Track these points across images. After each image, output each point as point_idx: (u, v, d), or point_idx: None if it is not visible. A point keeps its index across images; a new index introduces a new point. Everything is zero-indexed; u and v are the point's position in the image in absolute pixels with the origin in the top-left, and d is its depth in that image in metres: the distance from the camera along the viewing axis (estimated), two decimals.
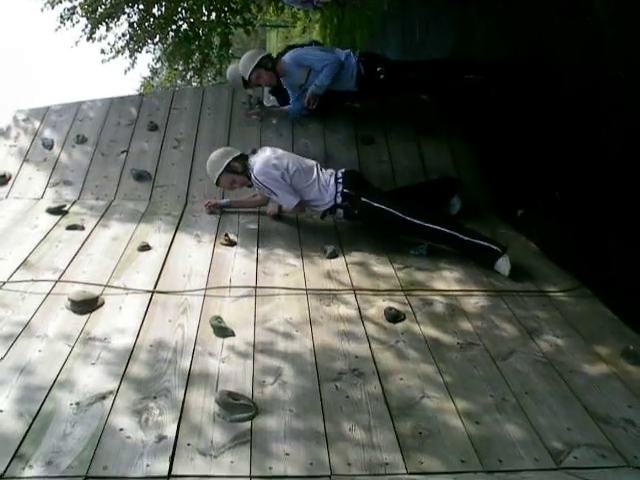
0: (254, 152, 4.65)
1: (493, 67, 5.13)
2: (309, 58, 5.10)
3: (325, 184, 4.37)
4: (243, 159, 4.47)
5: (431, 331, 3.33)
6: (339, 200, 4.34)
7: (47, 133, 5.68)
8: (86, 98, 6.20)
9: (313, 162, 4.57)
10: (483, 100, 5.30)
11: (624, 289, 3.57)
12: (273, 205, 4.67)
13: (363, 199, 4.29)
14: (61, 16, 9.96)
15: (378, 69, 5.20)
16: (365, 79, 5.19)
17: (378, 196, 4.34)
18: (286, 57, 5.17)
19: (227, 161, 4.41)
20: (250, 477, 2.29)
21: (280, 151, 4.56)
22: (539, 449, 2.51)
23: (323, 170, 4.49)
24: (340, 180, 4.37)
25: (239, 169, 4.44)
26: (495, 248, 4.02)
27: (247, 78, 5.13)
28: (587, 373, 3.04)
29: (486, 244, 4.05)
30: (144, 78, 21.21)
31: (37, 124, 5.79)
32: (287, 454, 2.41)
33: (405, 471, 2.37)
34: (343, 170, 4.48)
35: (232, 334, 3.19)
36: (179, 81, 18.48)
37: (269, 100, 5.93)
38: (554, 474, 2.38)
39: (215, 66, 12.35)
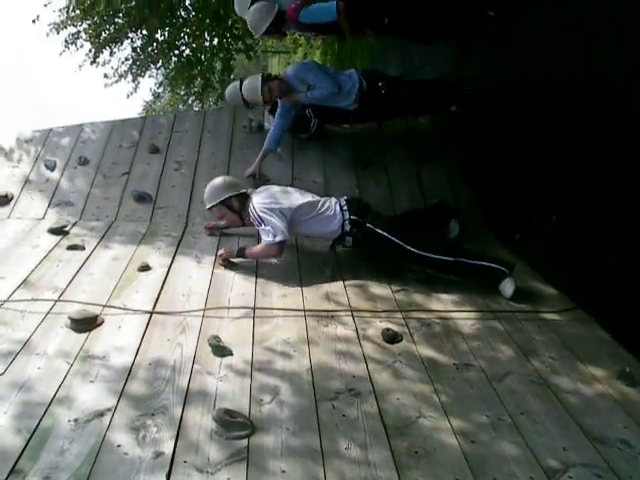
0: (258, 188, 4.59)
1: (490, 91, 5.19)
2: (310, 77, 5.14)
3: (331, 214, 4.26)
4: (244, 198, 4.36)
5: (428, 352, 3.35)
6: (347, 228, 4.24)
7: (49, 155, 5.74)
8: (89, 121, 6.28)
9: (317, 196, 4.47)
10: (483, 113, 5.34)
11: (620, 311, 3.60)
12: (228, 248, 4.38)
13: (368, 225, 4.22)
14: (66, 40, 10.11)
15: (380, 84, 5.25)
16: (366, 94, 5.22)
17: (381, 222, 4.27)
18: (288, 69, 5.22)
19: (227, 195, 4.33)
20: None
21: (289, 188, 4.54)
22: (534, 468, 2.52)
23: (327, 201, 4.38)
24: (345, 208, 4.29)
25: (236, 207, 4.38)
26: (502, 269, 4.04)
27: (261, 99, 5.11)
28: (583, 394, 3.05)
29: (494, 266, 4.05)
30: (146, 102, 21.39)
31: (39, 146, 5.86)
32: (283, 471, 2.43)
33: None
34: (346, 197, 4.42)
35: (230, 353, 3.21)
36: (181, 105, 18.59)
37: (270, 121, 5.97)
38: None
39: (217, 91, 12.47)
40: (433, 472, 2.48)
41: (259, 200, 4.23)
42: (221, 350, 3.21)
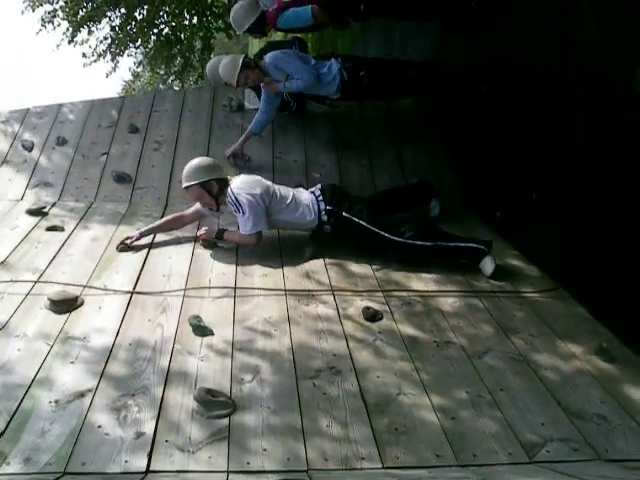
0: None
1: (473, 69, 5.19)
2: (288, 67, 5.03)
3: (308, 204, 4.21)
4: (223, 183, 4.16)
5: (408, 330, 3.37)
6: (325, 218, 4.20)
7: (27, 135, 5.66)
8: (67, 101, 6.20)
9: (289, 188, 4.38)
10: (472, 94, 5.33)
11: (599, 289, 3.63)
12: (208, 228, 4.28)
13: (344, 214, 4.17)
14: (42, 19, 9.97)
15: (361, 73, 5.14)
16: (348, 84, 5.14)
17: (358, 210, 4.18)
18: (268, 58, 5.11)
19: (207, 178, 4.13)
20: (227, 472, 2.32)
21: (267, 181, 4.35)
22: (513, 444, 2.56)
23: (302, 193, 4.34)
24: (320, 198, 4.24)
25: (214, 191, 4.14)
26: (481, 247, 4.05)
27: (235, 83, 5.03)
28: (561, 370, 3.09)
29: (472, 245, 4.07)
30: (125, 82, 21.19)
31: (17, 126, 5.78)
32: (264, 450, 2.44)
33: (381, 465, 2.41)
34: (320, 186, 4.36)
35: (211, 333, 3.21)
36: (161, 85, 18.45)
37: (250, 101, 5.94)
38: (527, 468, 2.42)
39: (197, 70, 12.38)
40: (413, 448, 2.51)
41: (238, 185, 4.12)
42: (202, 330, 3.21)
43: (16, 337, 3.10)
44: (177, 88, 15.55)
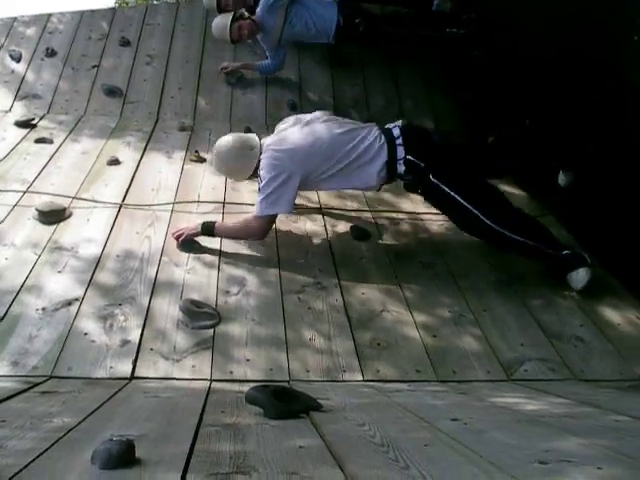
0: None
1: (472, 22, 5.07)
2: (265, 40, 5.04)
3: (373, 155, 3.14)
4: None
5: (395, 249, 3.41)
6: (401, 169, 3.18)
7: (14, 45, 5.50)
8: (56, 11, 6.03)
9: (348, 125, 3.32)
10: (466, 58, 5.23)
11: (585, 217, 3.65)
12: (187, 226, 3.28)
13: (432, 178, 3.16)
14: None
15: (357, 20, 5.02)
16: (343, 30, 5.02)
17: (450, 175, 3.20)
18: (258, 11, 4.94)
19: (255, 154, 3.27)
20: (210, 380, 2.38)
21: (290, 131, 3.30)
22: (492, 362, 2.63)
23: (368, 135, 3.19)
24: (399, 141, 3.18)
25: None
26: (583, 255, 3.21)
27: (229, 38, 4.89)
28: (544, 294, 3.15)
29: (569, 253, 3.19)
30: None
31: (3, 36, 5.60)
32: (248, 360, 2.50)
33: (362, 378, 2.48)
34: (399, 124, 3.29)
35: (198, 247, 3.22)
36: (155, 1, 17.98)
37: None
38: (504, 385, 2.49)
39: None
40: (394, 363, 2.57)
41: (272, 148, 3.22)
42: (189, 243, 3.22)
43: (4, 246, 3.11)
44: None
